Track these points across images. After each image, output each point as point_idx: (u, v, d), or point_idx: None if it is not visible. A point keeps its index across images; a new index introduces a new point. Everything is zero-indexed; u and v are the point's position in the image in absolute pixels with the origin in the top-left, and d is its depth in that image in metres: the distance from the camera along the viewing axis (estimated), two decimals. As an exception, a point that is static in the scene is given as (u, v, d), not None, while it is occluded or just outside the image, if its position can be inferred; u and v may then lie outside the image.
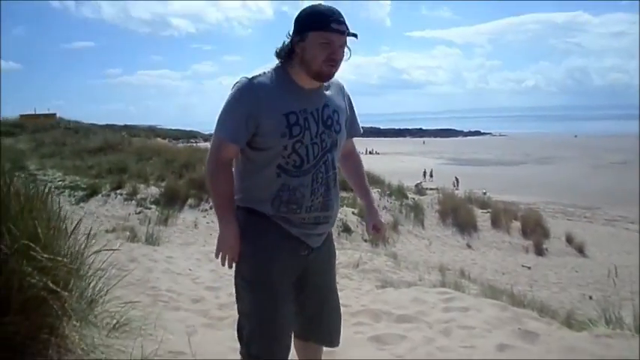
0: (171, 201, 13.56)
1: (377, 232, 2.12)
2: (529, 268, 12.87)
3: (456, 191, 26.54)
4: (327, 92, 1.89)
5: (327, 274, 2.02)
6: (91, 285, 2.46)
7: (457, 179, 30.49)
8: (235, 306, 3.64)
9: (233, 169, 1.89)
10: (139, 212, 12.37)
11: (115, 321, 2.57)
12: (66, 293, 2.02)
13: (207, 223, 13.18)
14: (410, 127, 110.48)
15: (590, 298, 9.95)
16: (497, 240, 15.33)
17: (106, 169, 14.20)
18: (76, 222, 2.45)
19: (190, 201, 14.16)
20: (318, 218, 1.85)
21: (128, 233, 8.24)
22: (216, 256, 1.86)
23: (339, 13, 1.75)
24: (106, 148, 16.77)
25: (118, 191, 13.30)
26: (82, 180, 13.66)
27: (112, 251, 2.65)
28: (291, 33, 1.78)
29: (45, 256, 1.95)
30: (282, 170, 1.78)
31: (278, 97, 1.76)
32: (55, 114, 30.66)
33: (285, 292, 1.86)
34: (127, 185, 13.46)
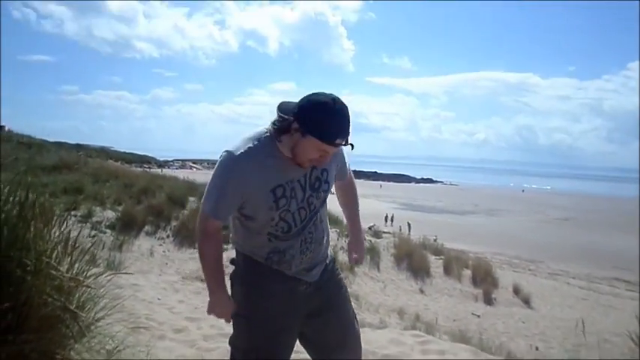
0: (128, 226, 13.18)
1: (356, 259, 2.21)
2: (478, 316, 13.21)
3: (408, 236, 27.05)
4: None
5: (341, 308, 2.03)
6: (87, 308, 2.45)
7: (409, 224, 31.17)
8: (222, 338, 3.64)
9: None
10: (94, 236, 11.94)
11: (109, 346, 2.54)
12: (83, 314, 2.02)
13: (164, 252, 12.89)
14: (365, 170, 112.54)
15: (537, 349, 10.32)
16: (449, 287, 15.67)
17: (61, 188, 13.70)
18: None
19: (147, 228, 13.81)
20: (311, 268, 1.92)
21: (86, 255, 7.96)
22: (209, 314, 1.94)
23: (347, 126, 1.66)
24: (62, 167, 16.21)
25: (73, 212, 12.84)
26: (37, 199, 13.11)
27: (112, 275, 2.64)
28: (291, 111, 1.68)
29: (67, 275, 1.96)
30: (273, 236, 1.83)
31: (265, 171, 1.73)
32: (4, 126, 29.42)
33: (283, 328, 1.89)
34: (83, 207, 13.02)
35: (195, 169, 69.69)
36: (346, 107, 1.65)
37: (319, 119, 1.63)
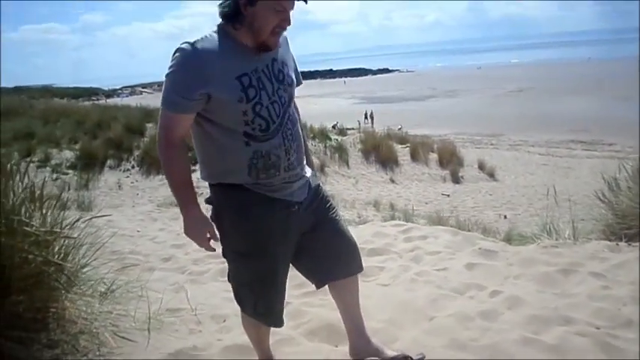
0: (89, 164, 12.89)
1: None
2: (448, 195, 13.82)
3: (371, 124, 27.07)
4: None
5: (329, 209, 1.95)
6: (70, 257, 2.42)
7: (367, 114, 31.19)
8: (211, 259, 3.68)
9: (195, 148, 1.79)
10: (56, 179, 11.65)
11: (102, 288, 2.54)
12: (69, 264, 1.98)
13: (132, 183, 12.76)
14: (320, 69, 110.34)
15: (505, 217, 10.94)
16: (418, 172, 16.21)
17: (11, 136, 13.08)
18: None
19: (110, 162, 13.55)
20: (297, 175, 1.80)
21: (55, 202, 7.80)
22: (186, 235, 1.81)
23: None
24: (6, 114, 15.36)
25: (29, 159, 12.39)
26: (-10, 153, 12.56)
27: (91, 219, 2.58)
28: None
29: (42, 229, 1.89)
30: (250, 137, 1.67)
31: (226, 60, 1.62)
32: None
33: (282, 256, 1.85)
34: (38, 151, 12.56)
35: (146, 94, 67.07)
36: None
37: None
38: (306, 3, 1.66)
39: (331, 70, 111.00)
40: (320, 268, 1.97)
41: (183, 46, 1.61)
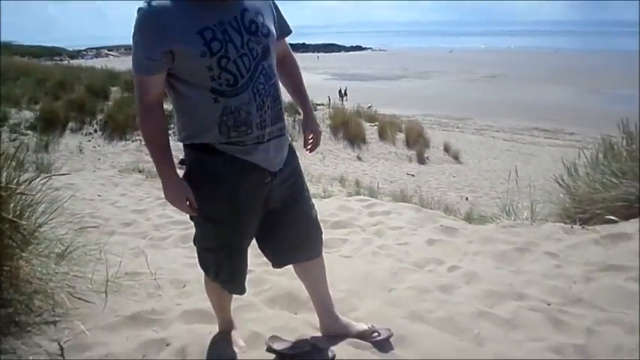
0: (50, 125, 12.45)
1: (313, 140, 2.00)
2: (413, 175, 14.03)
3: (345, 102, 26.96)
4: None
5: (301, 192, 1.92)
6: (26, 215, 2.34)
7: (341, 92, 31.08)
8: (172, 225, 3.63)
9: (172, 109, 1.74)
10: (14, 139, 11.22)
11: (58, 250, 2.48)
12: (24, 222, 1.91)
13: (94, 147, 12.42)
14: (293, 42, 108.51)
15: (466, 199, 11.21)
16: (385, 151, 16.35)
17: (-34, 93, 12.49)
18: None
19: (71, 124, 13.12)
20: (272, 133, 1.72)
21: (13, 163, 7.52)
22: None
23: None
24: (-39, 70, 14.62)
25: (-15, 117, 11.88)
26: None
27: (46, 178, 2.50)
28: None
29: (-3, 185, 1.82)
30: (218, 93, 1.61)
31: (186, 15, 1.56)
32: None
33: (250, 225, 1.83)
34: (-5, 110, 12.04)
35: (111, 57, 64.86)
36: None
37: None
38: None
39: (304, 44, 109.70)
40: (281, 250, 1.94)
41: (141, 5, 1.56)
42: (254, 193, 1.75)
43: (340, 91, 31.67)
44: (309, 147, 2.01)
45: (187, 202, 1.70)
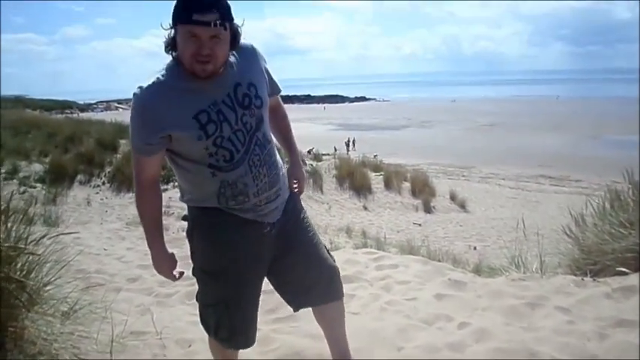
0: (58, 178, 12.60)
1: (298, 186, 2.02)
2: (420, 225, 13.95)
3: (351, 152, 27.21)
4: (236, 65, 1.69)
5: (304, 233, 1.93)
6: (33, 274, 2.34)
7: (348, 142, 31.47)
8: (178, 282, 3.61)
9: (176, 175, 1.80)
10: (23, 192, 11.34)
11: (64, 308, 2.46)
12: (31, 282, 1.92)
13: (101, 199, 12.50)
14: (298, 94, 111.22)
15: (475, 248, 11.08)
16: (390, 201, 16.35)
17: (-23, 146, 12.74)
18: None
19: (80, 177, 13.28)
20: (269, 197, 1.77)
21: (21, 216, 7.57)
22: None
23: (207, 1, 1.49)
24: (-26, 123, 14.98)
25: (-4, 170, 12.05)
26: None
27: (57, 235, 2.52)
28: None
29: (6, 245, 1.84)
30: (215, 168, 1.67)
31: (180, 99, 1.59)
32: None
33: (251, 279, 1.84)
34: (6, 163, 12.23)
35: (121, 110, 66.31)
36: None
37: (176, 4, 1.53)
38: (225, 30, 1.54)
39: (309, 95, 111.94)
40: (295, 293, 1.97)
41: (137, 91, 1.61)
42: (252, 247, 1.80)
43: (348, 141, 32.06)
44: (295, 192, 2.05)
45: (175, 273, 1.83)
